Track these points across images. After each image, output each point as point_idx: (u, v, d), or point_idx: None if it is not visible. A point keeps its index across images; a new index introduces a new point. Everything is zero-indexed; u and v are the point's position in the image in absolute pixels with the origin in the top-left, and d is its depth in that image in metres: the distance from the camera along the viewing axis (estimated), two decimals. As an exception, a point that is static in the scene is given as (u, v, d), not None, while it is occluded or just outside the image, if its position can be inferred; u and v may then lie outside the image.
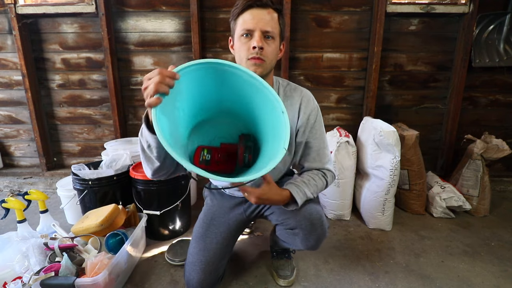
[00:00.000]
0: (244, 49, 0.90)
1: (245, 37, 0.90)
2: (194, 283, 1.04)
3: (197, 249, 1.09)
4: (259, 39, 0.87)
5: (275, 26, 0.90)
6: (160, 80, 0.65)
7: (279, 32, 0.93)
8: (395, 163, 1.48)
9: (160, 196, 1.42)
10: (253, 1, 0.87)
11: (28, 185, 2.16)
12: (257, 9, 0.88)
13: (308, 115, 1.02)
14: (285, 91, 1.05)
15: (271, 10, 0.89)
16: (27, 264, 1.06)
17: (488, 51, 1.96)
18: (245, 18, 0.89)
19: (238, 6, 0.90)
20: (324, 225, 1.01)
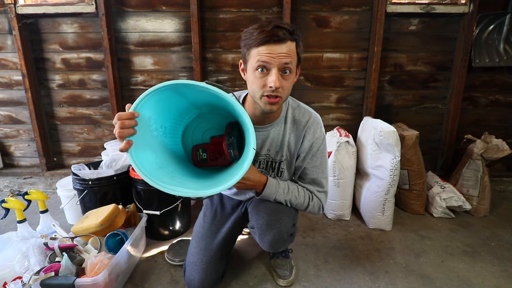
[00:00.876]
0: (259, 85, 0.85)
1: (260, 72, 0.83)
2: (195, 282, 1.04)
3: (198, 249, 1.09)
4: (276, 78, 0.82)
5: (294, 59, 0.84)
6: (120, 127, 0.70)
7: (297, 63, 0.88)
8: (395, 163, 1.48)
9: (160, 196, 1.42)
10: (270, 37, 0.79)
11: (28, 185, 2.16)
12: (274, 44, 0.80)
13: (311, 143, 1.01)
14: (294, 114, 1.02)
15: (290, 42, 0.82)
16: (27, 264, 1.06)
17: (488, 51, 1.96)
18: (261, 52, 0.81)
19: (253, 38, 0.82)
20: (281, 228, 0.97)
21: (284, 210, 1.01)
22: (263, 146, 1.03)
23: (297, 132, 1.01)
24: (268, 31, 0.79)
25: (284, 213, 1.00)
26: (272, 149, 1.03)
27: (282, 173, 1.06)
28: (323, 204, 1.06)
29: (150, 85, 2.12)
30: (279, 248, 1.03)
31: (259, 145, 1.02)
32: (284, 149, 1.02)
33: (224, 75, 2.08)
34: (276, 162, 1.05)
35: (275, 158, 1.04)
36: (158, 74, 2.10)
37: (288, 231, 1.00)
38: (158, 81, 2.10)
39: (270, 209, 0.99)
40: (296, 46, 0.85)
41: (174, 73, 2.09)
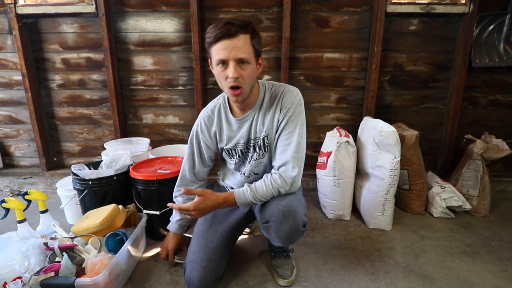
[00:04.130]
0: (222, 78, 0.95)
1: (221, 66, 0.94)
2: (195, 281, 1.04)
3: (198, 247, 1.09)
4: (234, 69, 0.91)
5: (249, 50, 0.92)
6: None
7: (253, 53, 0.94)
8: (395, 163, 1.48)
9: (160, 196, 1.42)
10: (222, 33, 0.88)
11: (28, 185, 2.16)
12: (227, 39, 0.89)
13: (287, 107, 1.04)
14: (270, 92, 1.08)
15: (242, 35, 0.90)
16: (27, 264, 1.06)
17: (488, 51, 1.96)
18: (217, 49, 0.91)
19: (209, 36, 0.92)
20: (297, 218, 0.99)
21: (296, 200, 1.03)
22: (251, 130, 1.09)
23: (275, 104, 1.06)
24: (219, 28, 0.89)
25: (297, 203, 1.02)
26: (258, 131, 1.08)
27: (268, 147, 1.10)
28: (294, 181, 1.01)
29: (150, 85, 2.12)
30: (294, 240, 1.04)
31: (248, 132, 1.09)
32: (265, 125, 1.07)
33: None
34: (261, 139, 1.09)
35: (260, 136, 1.09)
36: (158, 74, 2.10)
37: (303, 220, 1.02)
38: (158, 81, 2.11)
39: (284, 201, 1.00)
40: (251, 38, 0.92)
41: (174, 73, 2.09)
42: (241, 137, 1.11)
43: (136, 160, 1.65)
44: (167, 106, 2.16)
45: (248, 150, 1.14)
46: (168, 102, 2.15)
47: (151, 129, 2.21)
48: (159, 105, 2.16)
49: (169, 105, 2.16)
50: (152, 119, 2.19)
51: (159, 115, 2.18)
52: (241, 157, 1.16)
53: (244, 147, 1.13)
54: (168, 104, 2.15)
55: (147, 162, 1.60)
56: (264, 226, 1.06)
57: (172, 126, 2.21)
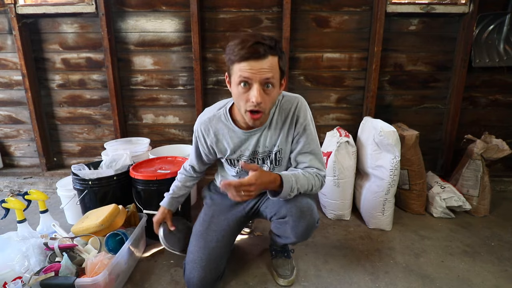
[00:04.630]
0: (242, 99, 0.88)
1: (243, 87, 0.85)
2: (195, 281, 1.04)
3: (197, 247, 1.09)
4: (258, 94, 0.83)
5: (275, 73, 0.85)
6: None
7: (279, 76, 0.88)
8: (395, 163, 1.48)
9: (160, 196, 1.41)
10: (250, 54, 0.81)
11: (28, 185, 2.16)
12: (255, 60, 0.81)
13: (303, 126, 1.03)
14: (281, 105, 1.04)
15: (271, 57, 0.83)
16: (27, 264, 1.06)
17: (488, 51, 1.96)
18: (242, 68, 0.83)
19: (234, 54, 0.83)
20: (313, 214, 1.02)
21: (311, 198, 1.05)
22: (260, 144, 1.06)
23: (286, 119, 1.03)
24: (248, 47, 0.80)
25: (312, 201, 1.05)
26: (268, 145, 1.06)
27: (280, 161, 1.10)
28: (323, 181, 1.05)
29: (150, 85, 2.12)
30: (308, 236, 1.06)
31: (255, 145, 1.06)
32: (279, 139, 1.05)
33: (224, 75, 2.07)
34: (273, 153, 1.08)
35: (272, 150, 1.07)
36: (158, 74, 2.10)
37: (317, 216, 1.04)
38: (158, 81, 2.11)
39: (300, 198, 1.01)
40: (278, 60, 0.86)
41: (174, 73, 2.09)
42: (247, 149, 1.07)
43: (136, 160, 1.65)
44: (167, 106, 2.16)
45: (253, 162, 1.11)
46: (168, 102, 2.15)
47: (151, 129, 2.21)
48: (159, 105, 2.16)
49: (169, 105, 2.16)
50: (152, 119, 2.19)
51: (159, 115, 2.18)
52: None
53: (249, 158, 1.10)
54: (168, 104, 2.15)
55: (147, 162, 1.60)
56: (279, 222, 1.07)
57: (172, 126, 2.21)
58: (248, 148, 1.07)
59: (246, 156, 1.09)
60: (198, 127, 1.11)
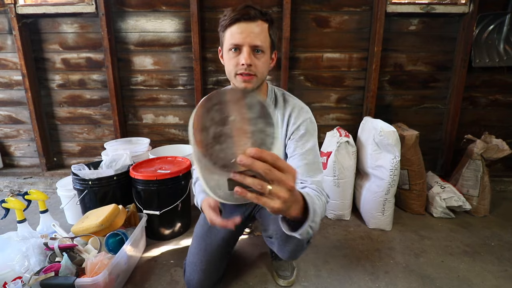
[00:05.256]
0: (232, 64, 0.87)
1: (233, 52, 0.86)
2: (195, 283, 1.04)
3: (198, 249, 1.09)
4: (247, 55, 0.84)
5: (265, 39, 0.86)
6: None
7: (269, 44, 0.88)
8: (395, 163, 1.48)
9: (160, 196, 1.42)
10: (240, 15, 0.82)
11: (28, 185, 2.16)
12: (245, 22, 0.83)
13: (298, 125, 0.95)
14: (277, 101, 1.01)
15: (261, 21, 0.84)
16: (27, 264, 1.06)
17: (488, 51, 1.96)
18: (233, 32, 0.84)
19: (225, 18, 0.85)
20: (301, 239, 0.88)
21: None
22: None
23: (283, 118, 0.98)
24: (239, 10, 0.83)
25: None
26: None
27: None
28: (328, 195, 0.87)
29: (150, 85, 2.12)
30: (297, 256, 1.01)
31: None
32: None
33: (224, 75, 2.08)
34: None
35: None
36: (158, 74, 2.10)
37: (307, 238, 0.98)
38: (158, 81, 2.11)
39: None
40: (269, 28, 0.86)
41: (174, 73, 2.09)
42: None
43: (136, 160, 1.65)
44: (167, 106, 2.16)
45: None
46: (168, 102, 2.15)
47: (151, 129, 2.21)
48: (159, 105, 2.16)
49: (169, 105, 2.16)
50: (152, 119, 2.19)
51: (159, 115, 2.18)
52: None
53: None
54: (168, 104, 2.15)
55: (147, 162, 1.60)
56: (266, 240, 1.03)
57: (172, 126, 2.21)
58: None
59: None
60: None
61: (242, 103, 0.49)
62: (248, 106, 0.49)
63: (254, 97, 0.50)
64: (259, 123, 0.48)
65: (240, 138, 0.46)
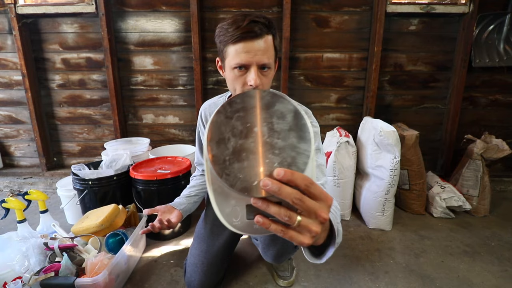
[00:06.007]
0: (239, 83, 0.81)
1: (239, 70, 0.79)
2: (195, 284, 1.04)
3: (199, 251, 1.08)
4: (256, 77, 0.77)
5: (271, 54, 0.79)
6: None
7: (275, 57, 0.83)
8: (395, 163, 1.48)
9: (160, 196, 1.42)
10: (245, 33, 0.74)
11: (28, 185, 2.16)
12: (251, 40, 0.75)
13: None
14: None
15: (268, 37, 0.77)
16: (27, 264, 1.06)
17: (488, 51, 1.96)
18: (238, 50, 0.76)
19: (228, 34, 0.76)
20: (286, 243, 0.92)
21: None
22: None
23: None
24: (243, 27, 0.74)
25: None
26: None
27: None
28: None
29: (150, 85, 2.12)
30: (282, 260, 1.01)
31: None
32: None
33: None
34: None
35: None
36: (158, 74, 2.10)
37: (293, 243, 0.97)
38: (158, 81, 2.11)
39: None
40: (273, 39, 0.80)
41: (174, 73, 2.09)
42: None
43: (136, 160, 1.65)
44: (167, 106, 2.16)
45: None
46: (168, 102, 2.15)
47: (151, 129, 2.21)
48: (159, 105, 2.16)
49: (169, 105, 2.16)
50: (152, 119, 2.19)
51: (159, 115, 2.19)
52: None
53: None
54: (168, 104, 2.15)
55: (147, 162, 1.60)
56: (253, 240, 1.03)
57: (172, 126, 2.21)
58: None
59: None
60: (200, 112, 1.10)
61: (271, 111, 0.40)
62: (279, 114, 0.40)
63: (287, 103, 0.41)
64: (291, 137, 0.39)
65: (266, 155, 0.38)
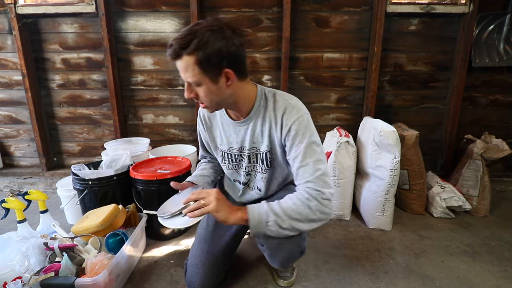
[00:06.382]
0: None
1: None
2: (196, 285, 1.04)
3: (200, 251, 1.08)
4: (186, 91, 0.86)
5: (193, 73, 0.79)
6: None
7: (203, 74, 0.80)
8: (395, 163, 1.48)
9: (160, 196, 1.42)
10: (169, 55, 0.80)
11: (28, 185, 2.16)
12: (175, 61, 0.80)
13: (289, 127, 0.90)
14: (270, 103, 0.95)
15: (185, 57, 0.77)
16: (27, 264, 1.06)
17: (488, 51, 1.96)
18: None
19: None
20: (293, 249, 0.94)
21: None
22: (246, 139, 1.00)
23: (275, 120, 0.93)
24: (168, 49, 0.80)
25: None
26: (256, 141, 0.99)
27: (272, 162, 1.01)
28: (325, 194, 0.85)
29: (150, 85, 2.12)
30: (288, 265, 1.02)
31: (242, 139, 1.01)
32: (265, 138, 0.96)
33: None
34: (263, 153, 1.00)
35: (261, 149, 1.00)
36: (158, 74, 2.10)
37: (300, 247, 0.97)
38: (158, 81, 2.11)
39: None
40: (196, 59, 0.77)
41: (174, 73, 2.09)
42: (235, 141, 1.03)
43: (136, 160, 1.65)
44: (167, 106, 2.16)
45: (242, 158, 1.05)
46: (168, 102, 2.15)
47: (151, 129, 2.21)
48: (159, 105, 2.16)
49: (169, 105, 2.16)
50: (152, 119, 2.19)
51: (159, 115, 2.19)
52: (234, 163, 1.08)
53: (238, 154, 1.05)
54: (168, 104, 2.15)
55: (147, 162, 1.60)
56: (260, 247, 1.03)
57: (172, 126, 2.21)
58: (237, 141, 1.02)
59: (235, 150, 1.04)
60: (199, 111, 1.11)
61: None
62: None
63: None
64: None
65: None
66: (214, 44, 0.76)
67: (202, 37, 0.76)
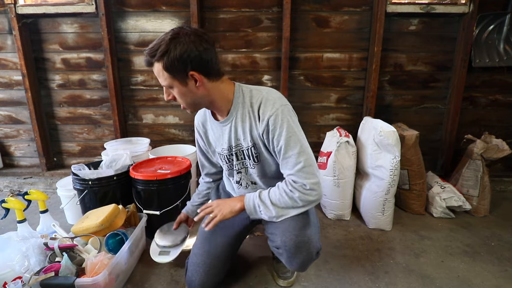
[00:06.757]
0: None
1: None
2: (196, 284, 1.04)
3: (202, 251, 1.08)
4: (165, 94, 0.93)
5: (164, 78, 0.88)
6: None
7: (172, 78, 0.86)
8: (395, 163, 1.48)
9: (160, 196, 1.42)
10: (144, 63, 0.90)
11: (28, 185, 2.16)
12: (150, 67, 0.89)
13: (266, 121, 0.91)
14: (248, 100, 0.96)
15: (156, 64, 0.86)
16: (27, 264, 1.06)
17: (488, 51, 1.96)
18: None
19: None
20: (311, 249, 0.95)
21: (310, 225, 0.96)
22: (231, 138, 1.01)
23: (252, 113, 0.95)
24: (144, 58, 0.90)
25: (311, 229, 0.95)
26: (239, 138, 1.00)
27: (258, 157, 1.01)
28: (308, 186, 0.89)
29: (150, 85, 2.12)
30: (306, 267, 1.02)
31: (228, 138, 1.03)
32: (247, 134, 0.98)
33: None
34: (248, 149, 1.01)
35: (244, 145, 1.01)
36: (158, 74, 2.10)
37: (317, 249, 0.98)
38: (158, 81, 2.11)
39: (297, 227, 0.92)
40: (163, 66, 0.85)
41: (174, 73, 2.09)
42: (224, 141, 1.04)
43: (136, 160, 1.65)
44: (167, 106, 2.16)
45: (231, 157, 1.06)
46: (168, 102, 2.15)
47: (151, 129, 2.21)
48: (159, 105, 2.16)
49: (169, 105, 2.16)
50: (152, 119, 2.19)
51: (159, 115, 2.19)
52: (228, 164, 1.09)
53: (228, 153, 1.06)
54: (168, 104, 2.15)
55: (147, 162, 1.60)
56: (274, 250, 1.02)
57: (172, 126, 2.21)
58: (225, 141, 1.03)
59: (226, 151, 1.05)
60: (195, 121, 1.14)
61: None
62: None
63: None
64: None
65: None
66: (175, 51, 0.83)
67: (165, 45, 0.83)
